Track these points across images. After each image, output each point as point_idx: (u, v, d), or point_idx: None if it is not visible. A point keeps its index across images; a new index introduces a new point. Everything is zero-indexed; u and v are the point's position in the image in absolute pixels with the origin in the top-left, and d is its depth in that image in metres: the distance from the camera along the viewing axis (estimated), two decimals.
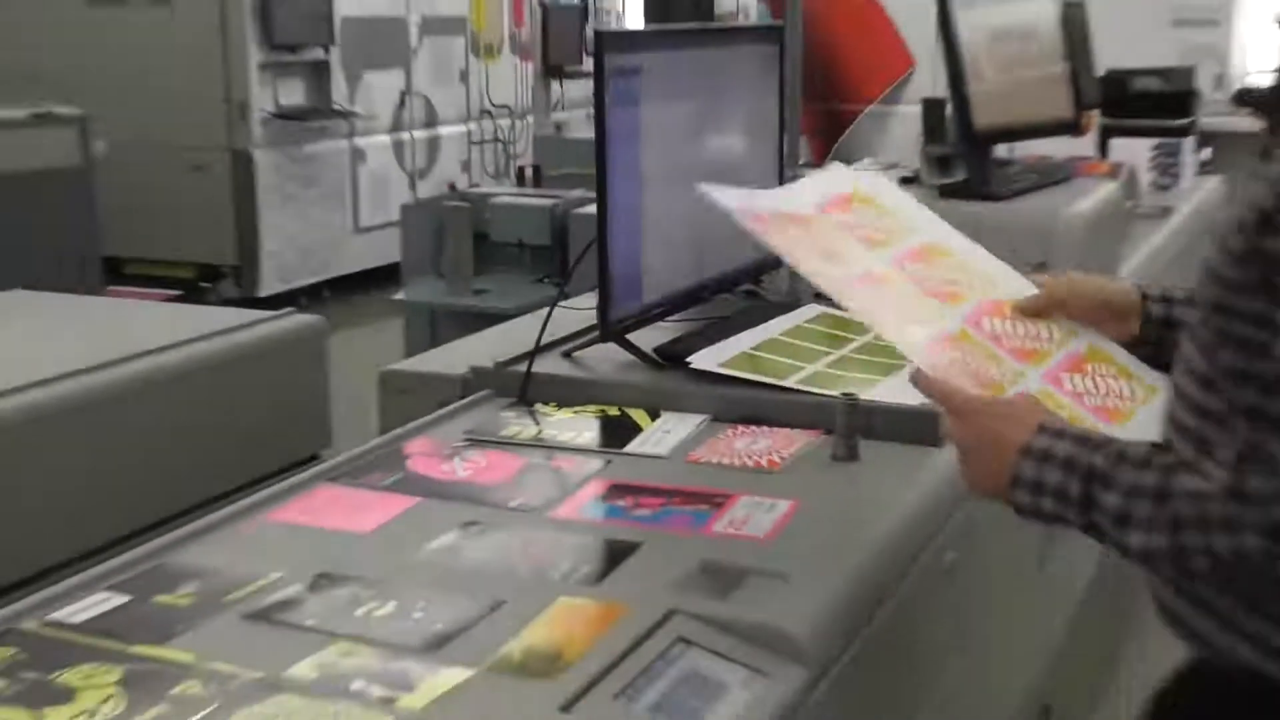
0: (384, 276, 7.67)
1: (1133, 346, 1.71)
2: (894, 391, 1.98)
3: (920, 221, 1.89)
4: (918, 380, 1.54)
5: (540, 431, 2.02)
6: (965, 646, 2.02)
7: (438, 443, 1.97)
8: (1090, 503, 1.36)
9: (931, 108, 3.79)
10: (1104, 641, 3.39)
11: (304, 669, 1.29)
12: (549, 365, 2.19)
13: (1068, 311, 1.72)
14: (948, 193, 3.42)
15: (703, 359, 2.15)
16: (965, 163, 3.49)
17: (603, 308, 2.12)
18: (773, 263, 2.65)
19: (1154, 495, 1.33)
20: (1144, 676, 2.51)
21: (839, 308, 2.41)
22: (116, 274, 7.45)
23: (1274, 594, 1.38)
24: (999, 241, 1.96)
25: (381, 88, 8.53)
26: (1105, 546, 1.42)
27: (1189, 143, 4.91)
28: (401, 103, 8.73)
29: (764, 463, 1.88)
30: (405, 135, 8.79)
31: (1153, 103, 4.86)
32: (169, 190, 7.61)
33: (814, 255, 1.76)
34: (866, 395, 1.95)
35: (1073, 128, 3.54)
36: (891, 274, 1.75)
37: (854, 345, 2.27)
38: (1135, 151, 4.60)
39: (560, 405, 2.12)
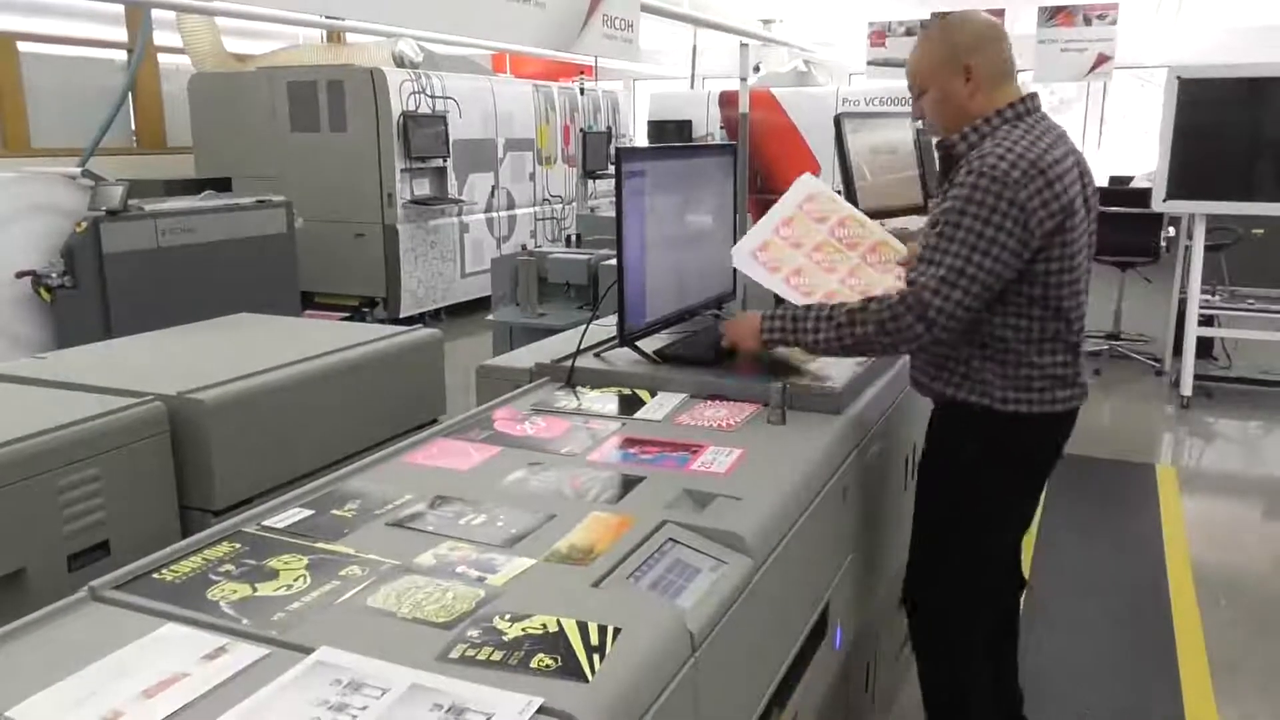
0: (480, 305, 7.67)
1: None
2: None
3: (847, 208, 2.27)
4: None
5: (580, 404, 2.00)
6: (857, 544, 2.01)
7: (514, 411, 1.95)
8: (793, 328, 1.93)
9: None
10: None
11: (426, 558, 1.29)
12: (586, 362, 2.18)
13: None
14: None
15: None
16: None
17: (620, 324, 2.11)
18: (728, 296, 2.63)
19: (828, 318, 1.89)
20: None
21: None
22: (309, 302, 7.44)
23: (952, 363, 1.95)
24: None
25: (479, 184, 8.51)
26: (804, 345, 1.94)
27: None
28: (492, 194, 8.71)
29: (724, 425, 1.86)
30: (494, 214, 8.77)
31: None
32: (342, 249, 7.62)
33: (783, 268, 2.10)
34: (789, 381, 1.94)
35: (921, 210, 3.52)
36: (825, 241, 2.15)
37: None
38: None
39: (593, 387, 2.11)
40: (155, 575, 1.25)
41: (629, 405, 1.99)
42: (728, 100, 10.49)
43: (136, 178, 6.07)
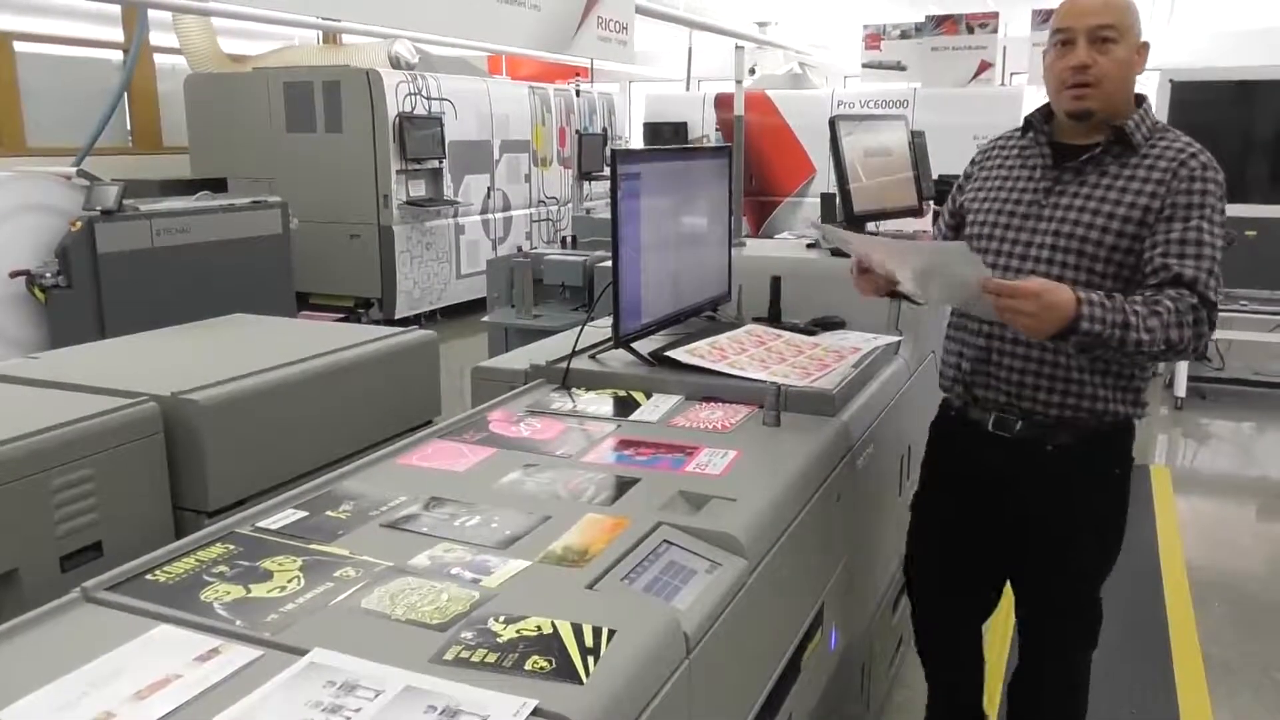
0: (475, 306, 7.65)
1: None
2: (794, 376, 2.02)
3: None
4: (987, 285, 1.60)
5: (575, 406, 2.00)
6: (852, 547, 2.01)
7: (509, 413, 1.95)
8: (1127, 325, 1.59)
9: (826, 199, 3.77)
10: None
11: (420, 560, 1.28)
12: (581, 363, 2.18)
13: None
14: (837, 254, 3.40)
15: (677, 354, 2.14)
16: None
17: (615, 326, 2.11)
18: (724, 298, 2.63)
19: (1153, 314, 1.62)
20: None
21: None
22: (304, 303, 7.44)
23: (1113, 374, 1.79)
24: None
25: (475, 185, 8.51)
26: (1118, 349, 1.62)
27: None
28: (488, 195, 8.71)
29: (719, 426, 1.86)
30: (490, 216, 8.77)
31: None
32: (337, 250, 7.62)
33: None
34: (780, 379, 1.93)
35: (916, 212, 3.54)
36: None
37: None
38: None
39: (588, 389, 2.10)
40: (148, 576, 1.24)
41: (624, 407, 1.98)
42: (723, 102, 10.50)
43: (132, 178, 6.06)
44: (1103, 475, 1.87)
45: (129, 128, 8.40)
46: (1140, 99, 1.82)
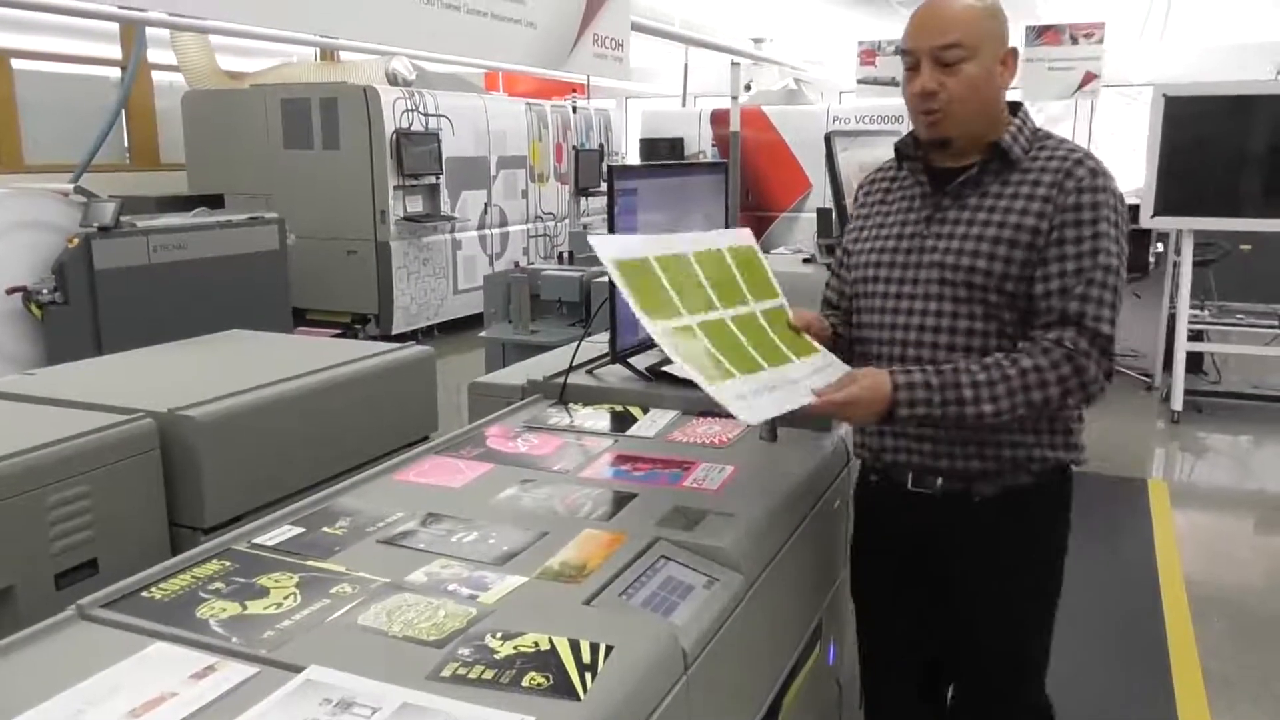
0: (472, 322, 7.66)
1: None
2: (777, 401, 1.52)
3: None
4: (815, 407, 1.53)
5: (572, 421, 2.00)
6: (850, 560, 2.00)
7: (506, 428, 1.95)
8: (944, 398, 1.52)
9: (822, 214, 3.79)
10: None
11: (417, 576, 1.28)
12: (578, 379, 2.18)
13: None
14: None
15: (674, 369, 2.00)
16: None
17: (612, 341, 2.11)
18: None
19: (1001, 380, 1.52)
20: None
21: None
22: (300, 318, 7.44)
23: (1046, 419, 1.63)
24: None
25: (472, 201, 8.53)
26: (949, 421, 1.54)
27: None
28: (485, 210, 8.73)
29: (716, 441, 1.86)
30: (487, 231, 8.79)
31: None
32: (334, 266, 7.63)
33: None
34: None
35: None
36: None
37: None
38: None
39: (585, 404, 2.10)
40: (144, 594, 1.24)
41: (621, 422, 1.98)
42: (719, 118, 10.54)
43: (129, 194, 6.06)
44: (1035, 525, 1.69)
45: (127, 144, 8.42)
46: (1016, 107, 1.65)
